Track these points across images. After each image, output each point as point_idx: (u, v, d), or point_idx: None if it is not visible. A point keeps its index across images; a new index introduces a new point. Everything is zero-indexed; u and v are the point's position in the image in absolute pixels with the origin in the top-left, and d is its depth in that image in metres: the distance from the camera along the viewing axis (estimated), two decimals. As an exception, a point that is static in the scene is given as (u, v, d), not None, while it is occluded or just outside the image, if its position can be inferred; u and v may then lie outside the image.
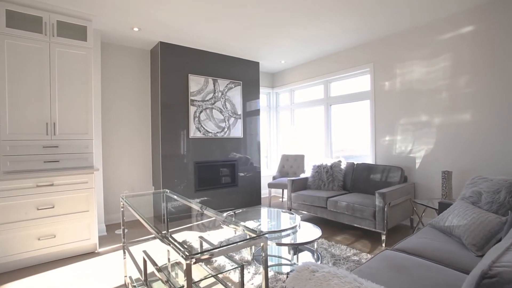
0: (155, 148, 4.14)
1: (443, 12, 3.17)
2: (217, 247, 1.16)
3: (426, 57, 3.45)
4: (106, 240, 3.28)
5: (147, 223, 1.64)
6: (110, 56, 3.94)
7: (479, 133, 3.04)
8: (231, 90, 4.59)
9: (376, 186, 3.56)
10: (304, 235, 2.67)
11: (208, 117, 4.31)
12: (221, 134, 4.46)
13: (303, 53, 4.60)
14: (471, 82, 3.09)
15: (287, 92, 5.68)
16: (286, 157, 5.26)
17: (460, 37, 3.17)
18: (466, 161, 3.13)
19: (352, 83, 4.50)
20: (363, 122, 4.34)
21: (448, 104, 3.27)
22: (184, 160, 4.11)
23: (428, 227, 2.25)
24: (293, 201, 4.01)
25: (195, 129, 4.18)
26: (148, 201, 2.74)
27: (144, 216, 1.78)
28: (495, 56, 2.92)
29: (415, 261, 1.61)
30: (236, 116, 4.65)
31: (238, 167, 4.72)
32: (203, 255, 1.09)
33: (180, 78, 4.08)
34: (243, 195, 4.77)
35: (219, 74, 4.47)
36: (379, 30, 3.65)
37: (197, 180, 4.24)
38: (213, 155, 4.42)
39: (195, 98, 4.18)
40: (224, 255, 2.12)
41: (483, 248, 1.72)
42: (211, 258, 1.15)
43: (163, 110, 3.92)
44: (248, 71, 4.86)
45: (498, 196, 1.92)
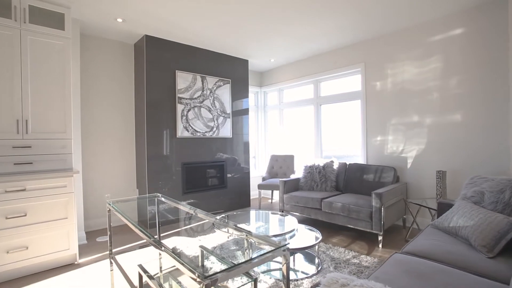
0: (139, 148, 3.87)
1: (434, 14, 3.21)
2: (236, 266, 1.00)
3: (418, 58, 3.48)
4: (87, 249, 2.99)
5: (144, 232, 1.45)
6: (91, 50, 3.63)
7: (469, 134, 3.10)
8: (220, 88, 4.41)
9: (370, 187, 3.55)
10: (303, 238, 2.57)
11: (196, 116, 4.11)
12: (210, 133, 4.28)
13: (293, 52, 4.52)
14: (461, 83, 3.15)
15: (276, 92, 5.59)
16: (275, 158, 5.16)
17: (450, 39, 3.22)
18: (457, 161, 3.18)
19: (343, 83, 4.49)
20: (353, 122, 4.33)
21: (439, 104, 3.32)
22: (171, 161, 3.88)
23: (430, 228, 2.22)
24: (286, 202, 3.91)
25: (183, 128, 3.96)
26: (138, 206, 2.51)
27: (136, 223, 1.58)
28: (484, 58, 2.99)
29: (430, 266, 1.55)
30: (225, 115, 4.48)
31: (227, 168, 4.55)
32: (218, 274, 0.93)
33: (167, 74, 3.85)
34: (232, 197, 4.61)
35: (207, 71, 4.28)
36: (371, 30, 3.65)
37: (185, 182, 4.03)
38: (202, 155, 4.22)
39: (182, 95, 3.96)
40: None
41: (493, 250, 1.70)
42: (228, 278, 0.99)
43: (148, 108, 3.67)
44: (237, 69, 4.71)
45: (503, 195, 1.92)
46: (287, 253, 1.12)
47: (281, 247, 1.14)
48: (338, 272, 1.44)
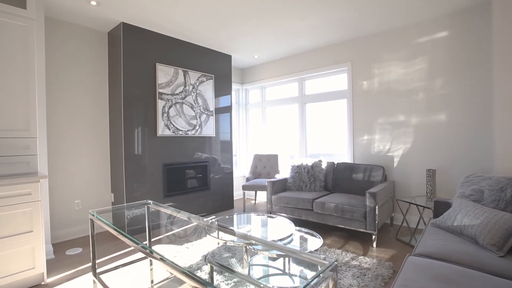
0: (115, 148, 3.49)
1: (421, 16, 3.28)
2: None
3: (404, 58, 3.55)
4: (56, 265, 2.59)
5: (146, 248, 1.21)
6: (58, 36, 3.18)
7: (453, 133, 3.22)
8: (203, 84, 4.15)
9: (359, 186, 3.55)
10: (303, 242, 2.45)
11: (178, 113, 3.81)
12: (193, 132, 4.00)
13: (279, 48, 4.40)
14: (446, 84, 3.26)
15: (258, 89, 5.43)
16: (259, 157, 5.02)
17: (436, 41, 3.32)
18: (442, 160, 3.29)
19: (328, 81, 4.47)
20: (339, 121, 4.33)
21: (425, 104, 3.41)
22: (151, 162, 3.55)
23: (431, 227, 2.23)
24: (274, 204, 3.78)
25: (164, 126, 3.65)
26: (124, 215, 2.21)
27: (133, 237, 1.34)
28: (467, 60, 3.12)
29: (452, 269, 1.51)
30: (208, 112, 4.23)
31: (210, 168, 4.31)
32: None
33: (147, 67, 3.51)
34: (215, 199, 4.38)
35: (190, 65, 4.00)
36: (359, 28, 3.65)
37: (166, 184, 3.72)
38: (184, 155, 3.93)
39: (163, 91, 3.64)
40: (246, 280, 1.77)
41: (503, 248, 1.71)
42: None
43: (126, 103, 3.31)
44: (220, 64, 4.48)
45: (504, 194, 1.96)
46: (335, 274, 0.98)
47: (329, 267, 0.99)
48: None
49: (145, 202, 2.02)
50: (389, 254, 2.73)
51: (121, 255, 2.78)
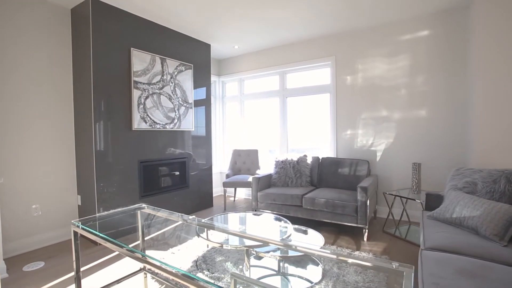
0: (83, 145, 3.04)
1: (403, 15, 3.36)
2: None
3: (388, 55, 3.62)
4: (10, 285, 2.15)
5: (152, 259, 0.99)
6: (5, 11, 2.63)
7: (432, 128, 3.38)
8: (182, 74, 3.82)
9: (346, 180, 3.57)
10: (303, 240, 2.36)
11: (155, 104, 3.45)
12: (171, 126, 3.67)
13: (261, 39, 4.23)
14: (427, 81, 3.40)
15: (236, 82, 5.21)
16: (238, 153, 4.83)
17: (417, 40, 3.43)
18: (421, 153, 3.44)
19: (311, 75, 4.43)
20: (321, 115, 4.33)
21: (407, 100, 3.52)
22: (125, 159, 3.17)
23: (428, 219, 2.27)
24: (260, 200, 3.64)
25: (140, 119, 3.28)
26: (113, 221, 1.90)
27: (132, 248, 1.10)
28: (446, 59, 3.27)
29: (470, 262, 1.51)
30: (187, 105, 3.91)
31: (189, 165, 4.02)
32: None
33: (120, 52, 3.10)
34: (194, 197, 4.10)
35: (168, 53, 3.64)
36: (344, 23, 3.63)
37: (143, 183, 3.36)
38: (162, 151, 3.59)
39: (139, 79, 3.26)
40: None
41: (504, 238, 1.78)
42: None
43: (96, 94, 2.88)
44: (199, 54, 4.17)
45: (498, 185, 2.06)
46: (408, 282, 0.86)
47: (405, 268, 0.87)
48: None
49: (139, 206, 1.74)
50: (381, 247, 2.76)
51: (99, 266, 2.42)
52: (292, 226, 2.50)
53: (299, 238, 2.41)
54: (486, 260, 1.57)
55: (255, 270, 2.31)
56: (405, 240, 2.93)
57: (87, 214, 3.01)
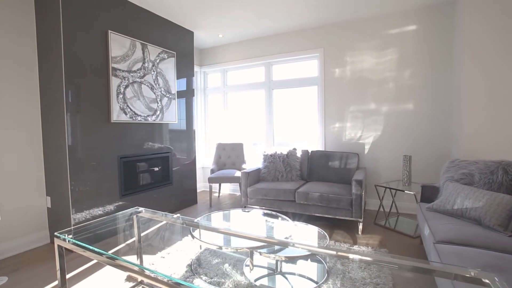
0: (52, 139, 2.66)
1: (391, 8, 3.37)
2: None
3: (376, 48, 3.63)
4: (-28, 306, 1.81)
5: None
6: None
7: (418, 121, 3.45)
8: (164, 62, 3.52)
9: (336, 173, 3.55)
10: (304, 237, 2.27)
11: (136, 94, 3.13)
12: (153, 118, 3.37)
13: (247, 29, 4.04)
14: (414, 75, 3.45)
15: (219, 72, 4.97)
16: (222, 146, 4.62)
17: (404, 34, 3.46)
18: (408, 146, 3.51)
19: (297, 67, 4.33)
20: (308, 108, 4.26)
21: (395, 94, 3.56)
22: (103, 155, 2.84)
23: (428, 211, 2.29)
24: (250, 196, 3.50)
25: (119, 110, 2.95)
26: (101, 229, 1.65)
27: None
28: (432, 54, 3.34)
29: (486, 254, 1.51)
30: (169, 95, 3.62)
31: (172, 160, 3.75)
32: None
33: (96, 35, 2.74)
34: (178, 195, 3.85)
35: (149, 38, 3.32)
36: (333, 14, 3.57)
37: (123, 181, 3.05)
38: (143, 146, 3.29)
39: (118, 66, 2.92)
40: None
41: (508, 227, 1.82)
42: None
43: (69, 82, 2.52)
44: (182, 41, 3.87)
45: (495, 176, 2.11)
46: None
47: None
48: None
49: (135, 210, 1.51)
50: (377, 240, 2.77)
51: (81, 275, 2.13)
52: (292, 222, 2.41)
53: (301, 235, 2.32)
54: (498, 251, 1.58)
55: (258, 270, 2.18)
56: (395, 231, 2.98)
57: (59, 217, 2.66)
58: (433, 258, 1.67)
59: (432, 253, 1.71)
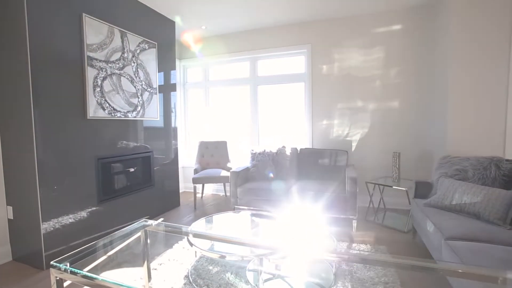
0: (14, 140, 2.27)
1: (380, 7, 3.41)
2: None
3: (364, 46, 3.66)
4: None
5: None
6: None
7: (403, 118, 3.56)
8: (145, 53, 3.21)
9: (326, 171, 3.53)
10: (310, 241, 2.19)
11: (115, 88, 2.81)
12: (133, 114, 3.06)
13: (232, 21, 3.85)
14: (399, 74, 3.54)
15: (200, 67, 4.71)
16: (205, 145, 4.40)
17: (391, 33, 3.54)
18: (394, 142, 3.60)
19: (284, 63, 4.24)
20: (295, 105, 4.20)
21: (381, 92, 3.63)
22: (78, 156, 2.50)
23: (425, 207, 2.33)
24: (240, 197, 3.35)
25: (97, 105, 2.62)
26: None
27: None
28: (416, 53, 3.45)
29: (497, 249, 1.54)
30: (151, 90, 3.33)
31: (154, 160, 3.46)
32: None
33: (68, 18, 2.39)
34: (160, 197, 3.58)
35: (129, 26, 3.00)
36: (322, 10, 3.53)
37: (101, 185, 2.72)
38: (123, 145, 2.98)
39: (94, 55, 2.59)
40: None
41: (506, 220, 1.90)
42: None
43: (35, 72, 2.16)
44: (163, 31, 3.58)
45: (489, 172, 2.20)
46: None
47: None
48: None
49: (144, 223, 1.29)
50: (372, 237, 2.79)
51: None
52: (294, 224, 2.31)
53: (305, 237, 2.23)
54: (507, 246, 1.63)
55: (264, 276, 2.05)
56: (386, 227, 3.03)
57: (24, 230, 2.29)
58: (446, 254, 1.68)
59: (444, 250, 1.72)
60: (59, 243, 2.35)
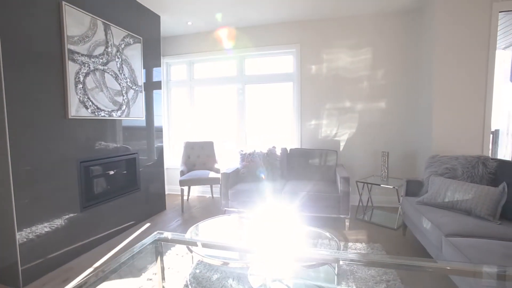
0: (-17, 139, 2.01)
1: (367, 10, 3.49)
2: None
3: (351, 47, 3.72)
4: None
5: None
6: None
7: (390, 119, 3.67)
8: (130, 48, 3.02)
9: (317, 171, 3.55)
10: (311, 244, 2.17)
11: (98, 85, 2.60)
12: (118, 113, 2.86)
13: (221, 17, 3.74)
14: (386, 75, 3.65)
15: (185, 64, 4.54)
16: (191, 145, 4.25)
17: (378, 35, 3.63)
18: (382, 143, 3.71)
19: (272, 62, 4.20)
20: (283, 105, 4.19)
21: (368, 93, 3.72)
22: (59, 159, 2.28)
23: (419, 205, 2.40)
24: (231, 199, 3.27)
25: (79, 103, 2.40)
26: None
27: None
28: (402, 56, 3.58)
29: (496, 244, 1.61)
30: (136, 87, 3.14)
31: (139, 162, 3.27)
32: None
33: (46, 6, 2.16)
34: (146, 201, 3.39)
35: (112, 18, 2.79)
36: (312, 10, 3.55)
37: (84, 190, 2.51)
38: (108, 147, 2.77)
39: (76, 48, 2.37)
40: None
41: (496, 216, 2.00)
42: None
43: (8, 67, 1.92)
44: (148, 26, 3.39)
45: (476, 170, 2.32)
46: None
47: None
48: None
49: (158, 235, 1.17)
50: (365, 235, 2.84)
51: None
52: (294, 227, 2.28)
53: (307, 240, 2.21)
54: (499, 240, 1.71)
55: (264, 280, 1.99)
56: (376, 224, 3.10)
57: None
58: (448, 251, 1.73)
59: (445, 247, 1.77)
60: (37, 256, 2.13)
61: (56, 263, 2.25)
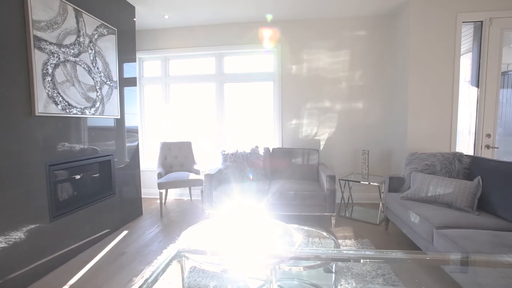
0: None
1: (346, 13, 3.61)
2: None
3: (331, 48, 3.82)
4: None
5: None
6: None
7: (367, 119, 3.83)
8: (104, 39, 2.74)
9: (300, 170, 3.57)
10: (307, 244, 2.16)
11: (69, 78, 2.32)
12: (92, 111, 2.58)
13: (199, 13, 3.59)
14: (363, 77, 3.80)
15: (159, 60, 4.28)
16: (168, 146, 4.02)
17: (357, 38, 3.77)
18: (360, 142, 3.85)
19: (252, 61, 4.15)
20: (263, 104, 4.15)
21: (347, 93, 3.84)
22: (24, 163, 1.98)
23: (403, 200, 2.52)
24: (216, 200, 3.15)
25: (48, 98, 2.11)
26: None
27: None
28: (378, 58, 3.76)
29: (481, 233, 1.74)
30: (111, 83, 2.87)
31: (114, 165, 3.00)
32: None
33: (9, -18, 1.86)
34: (122, 206, 3.12)
35: (85, 4, 2.51)
36: (292, 11, 3.57)
37: (54, 198, 2.21)
38: (80, 148, 2.48)
39: (43, 35, 2.08)
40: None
41: (473, 207, 2.17)
42: None
43: (-36, 46, 1.62)
44: (123, 16, 3.12)
45: (453, 166, 2.49)
46: None
47: None
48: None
49: (179, 252, 1.04)
50: (351, 231, 2.91)
51: None
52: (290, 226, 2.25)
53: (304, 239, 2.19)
54: (483, 229, 1.86)
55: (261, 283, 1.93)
56: (359, 220, 3.21)
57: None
58: (440, 243, 1.83)
59: (437, 239, 1.87)
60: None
61: (22, 284, 1.95)
